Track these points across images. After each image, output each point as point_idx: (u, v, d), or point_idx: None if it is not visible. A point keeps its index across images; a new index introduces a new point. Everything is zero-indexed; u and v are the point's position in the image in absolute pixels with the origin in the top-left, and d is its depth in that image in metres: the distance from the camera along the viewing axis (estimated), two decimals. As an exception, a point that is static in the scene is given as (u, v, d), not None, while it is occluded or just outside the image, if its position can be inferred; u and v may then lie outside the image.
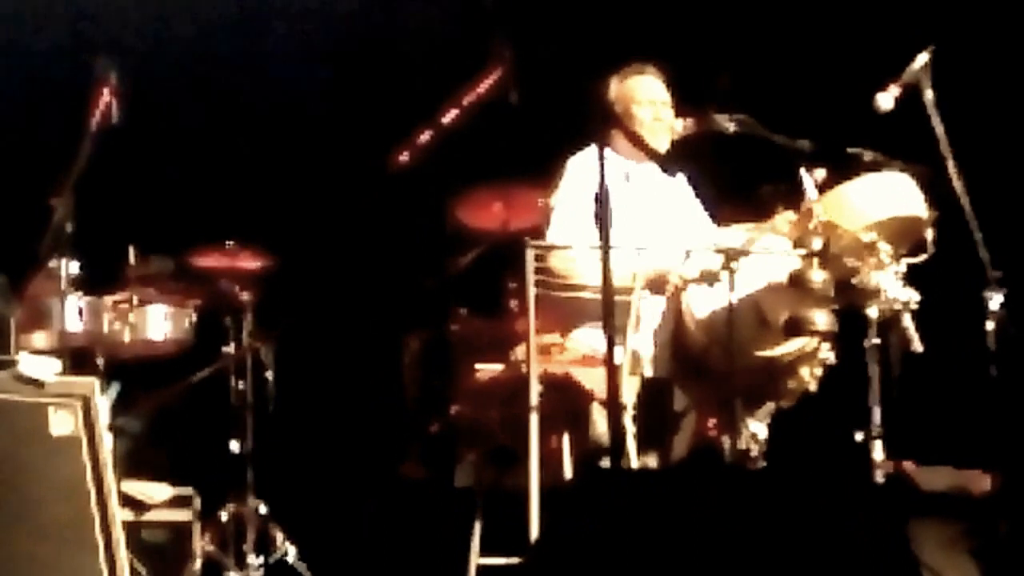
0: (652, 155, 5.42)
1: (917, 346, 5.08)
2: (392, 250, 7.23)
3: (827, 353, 5.20)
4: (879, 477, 4.97)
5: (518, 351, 5.32)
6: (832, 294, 5.05)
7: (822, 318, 5.02)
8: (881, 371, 5.01)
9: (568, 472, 5.21)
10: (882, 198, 5.19)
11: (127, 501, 5.53)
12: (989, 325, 5.03)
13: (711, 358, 5.18)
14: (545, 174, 5.64)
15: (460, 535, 5.43)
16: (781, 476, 4.09)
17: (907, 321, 5.08)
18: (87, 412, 4.65)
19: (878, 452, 4.98)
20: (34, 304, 5.79)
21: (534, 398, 5.09)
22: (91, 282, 5.88)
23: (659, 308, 5.38)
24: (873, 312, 5.05)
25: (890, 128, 5.23)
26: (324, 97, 7.38)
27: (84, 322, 5.86)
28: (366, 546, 6.78)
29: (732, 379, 5.04)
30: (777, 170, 5.34)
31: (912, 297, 5.07)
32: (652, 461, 5.35)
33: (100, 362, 5.91)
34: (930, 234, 5.17)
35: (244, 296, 6.50)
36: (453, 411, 5.63)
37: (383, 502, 6.87)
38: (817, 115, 5.75)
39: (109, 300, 5.96)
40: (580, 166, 5.43)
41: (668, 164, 5.40)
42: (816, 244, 5.06)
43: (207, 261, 6.48)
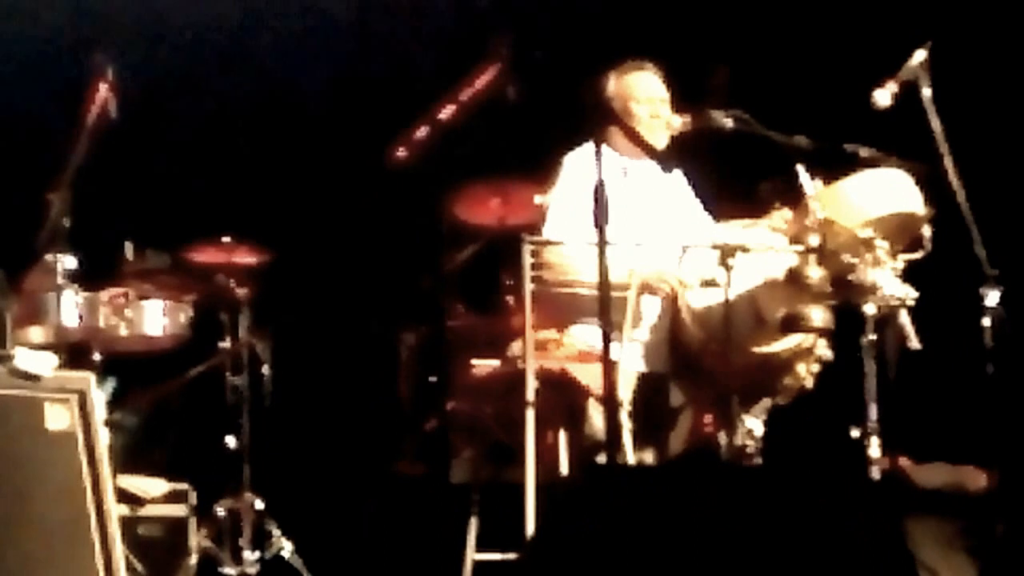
0: (650, 152, 5.40)
1: (914, 343, 5.08)
2: (389, 246, 7.23)
3: (824, 350, 5.20)
4: (875, 474, 4.96)
5: (514, 347, 5.31)
6: (829, 290, 5.04)
7: (819, 314, 5.02)
8: (878, 368, 4.99)
9: (564, 468, 5.21)
10: (879, 195, 5.18)
11: (123, 496, 5.52)
12: (985, 322, 5.03)
13: (708, 354, 5.17)
14: (542, 170, 5.63)
15: (456, 531, 5.42)
16: (777, 473, 4.09)
17: (904, 318, 5.07)
18: (83, 407, 4.64)
19: (874, 449, 4.97)
20: (30, 299, 5.79)
21: (531, 394, 5.09)
22: (88, 277, 5.87)
23: (656, 304, 5.38)
24: (870, 309, 5.03)
25: (887, 125, 5.22)
26: (321, 92, 7.38)
27: (80, 317, 5.86)
28: (362, 542, 6.78)
29: (729, 375, 5.04)
30: (774, 167, 5.33)
31: (909, 294, 5.06)
32: (649, 457, 5.35)
33: (96, 357, 5.90)
34: (927, 231, 5.16)
35: (240, 291, 6.49)
36: (449, 407, 5.63)
37: (379, 498, 6.87)
38: (814, 112, 5.74)
39: (106, 295, 5.96)
40: (577, 162, 5.42)
41: (665, 160, 5.39)
42: (813, 240, 5.06)
43: (204, 256, 6.48)
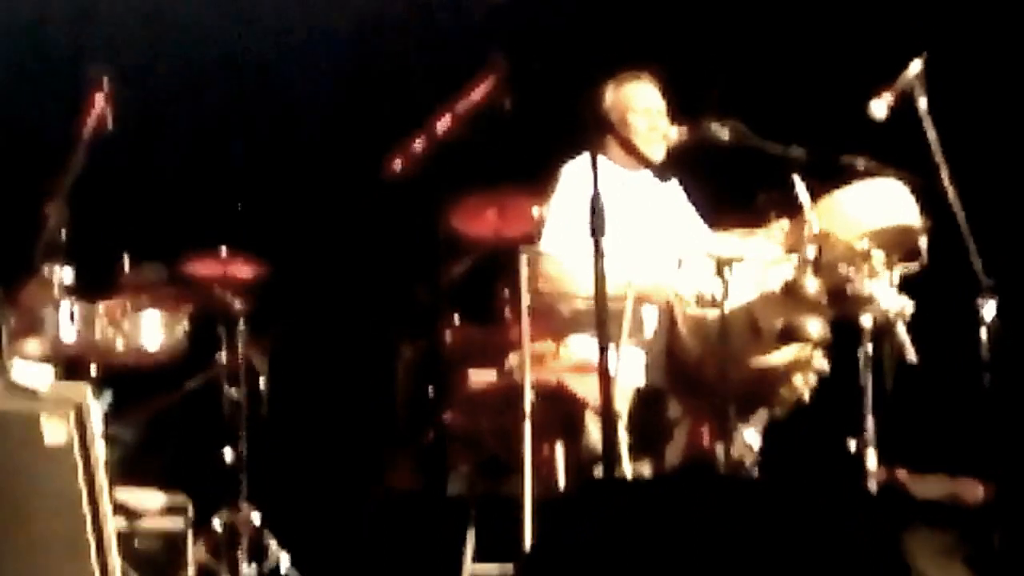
0: (646, 163, 5.41)
1: (911, 355, 5.08)
2: (385, 258, 7.23)
3: (821, 361, 5.19)
4: (873, 486, 4.96)
5: (511, 359, 5.31)
6: (825, 302, 5.05)
7: (816, 326, 5.02)
8: (874, 379, 5.00)
9: (561, 481, 5.21)
10: (876, 206, 5.18)
11: (120, 509, 5.51)
12: (982, 333, 5.03)
13: (705, 366, 5.17)
14: (539, 182, 5.63)
15: (453, 544, 5.42)
16: (775, 485, 4.09)
17: (901, 329, 5.07)
18: (80, 420, 4.63)
19: (871, 460, 4.96)
20: (27, 311, 5.78)
21: (527, 406, 5.09)
22: (84, 289, 5.87)
23: (653, 316, 5.37)
24: (867, 320, 5.03)
25: (883, 136, 5.23)
26: (318, 105, 7.38)
27: (77, 329, 5.84)
28: (359, 554, 6.77)
29: (725, 387, 5.03)
30: (771, 178, 5.33)
31: (906, 305, 5.07)
32: (645, 470, 5.34)
33: (93, 370, 5.89)
34: (924, 242, 5.16)
35: (237, 304, 6.49)
36: (446, 419, 5.62)
37: (376, 510, 6.86)
38: (811, 122, 5.74)
39: (102, 307, 5.94)
40: (574, 174, 5.42)
41: (662, 171, 5.39)
42: (810, 252, 5.06)
43: (200, 268, 6.47)
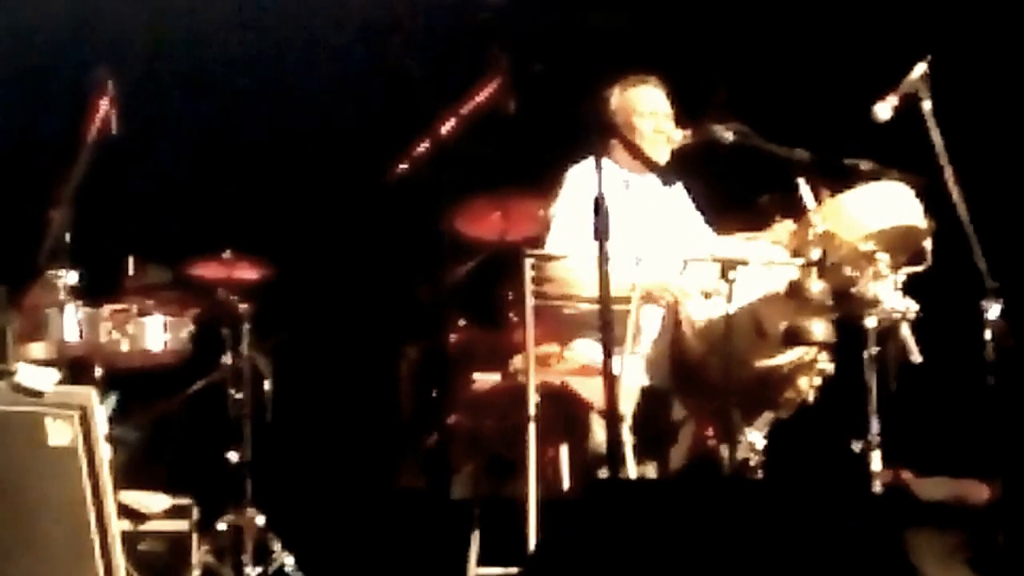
0: (651, 166, 5.41)
1: (915, 356, 5.08)
2: (390, 260, 7.23)
3: (825, 363, 5.19)
4: (877, 487, 4.96)
5: (516, 361, 5.31)
6: (830, 304, 5.05)
7: (820, 328, 5.02)
8: (879, 381, 5.00)
9: (566, 483, 5.21)
10: (880, 208, 5.19)
11: (125, 511, 5.52)
12: (987, 335, 5.03)
13: (709, 368, 5.17)
14: (543, 184, 5.63)
15: (458, 546, 5.42)
16: (779, 486, 4.09)
17: (905, 331, 5.07)
18: (85, 422, 4.64)
19: (876, 462, 4.97)
20: (32, 314, 5.78)
21: (532, 408, 5.08)
22: (89, 292, 5.87)
23: (657, 318, 5.37)
24: (871, 322, 5.04)
25: (888, 138, 5.23)
26: (322, 107, 7.38)
27: (82, 332, 5.85)
28: (363, 557, 6.76)
29: (730, 389, 5.04)
30: (775, 180, 5.34)
31: (910, 307, 5.07)
32: (650, 471, 5.34)
33: (98, 372, 5.89)
34: (928, 244, 5.16)
35: (242, 306, 6.50)
36: (450, 421, 5.62)
37: (381, 512, 6.86)
38: (815, 125, 5.75)
39: (107, 310, 5.95)
40: (579, 176, 5.42)
41: (666, 174, 5.39)
42: (814, 254, 5.06)
43: (205, 271, 6.48)
